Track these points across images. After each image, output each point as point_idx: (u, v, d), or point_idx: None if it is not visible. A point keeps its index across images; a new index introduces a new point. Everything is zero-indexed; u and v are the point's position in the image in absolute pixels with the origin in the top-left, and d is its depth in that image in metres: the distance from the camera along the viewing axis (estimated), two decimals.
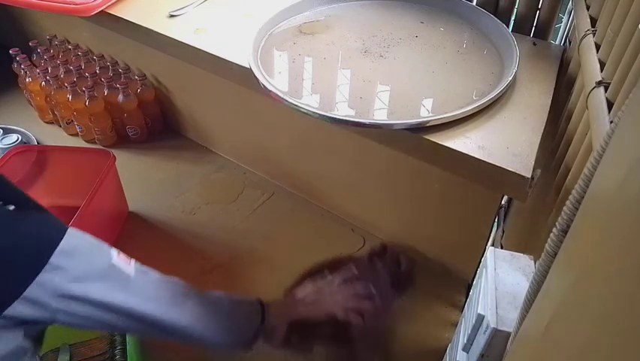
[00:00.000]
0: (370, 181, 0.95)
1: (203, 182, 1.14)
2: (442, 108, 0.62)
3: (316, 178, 1.05)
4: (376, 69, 0.69)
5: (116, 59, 1.19)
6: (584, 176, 0.31)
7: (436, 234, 0.93)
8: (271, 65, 0.72)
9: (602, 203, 0.26)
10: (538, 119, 0.62)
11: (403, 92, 0.66)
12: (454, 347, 0.62)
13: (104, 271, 0.53)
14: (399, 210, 0.96)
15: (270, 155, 1.10)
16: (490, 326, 0.45)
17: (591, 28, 0.60)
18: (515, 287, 0.49)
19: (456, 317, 0.89)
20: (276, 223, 1.04)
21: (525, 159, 0.56)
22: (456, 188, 0.81)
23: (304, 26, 0.79)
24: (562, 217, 0.33)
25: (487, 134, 0.59)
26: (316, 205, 1.08)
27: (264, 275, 0.93)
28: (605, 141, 0.29)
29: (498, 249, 0.54)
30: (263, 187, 1.12)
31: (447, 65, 0.70)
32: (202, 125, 1.20)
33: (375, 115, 0.63)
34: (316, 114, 0.61)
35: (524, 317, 0.37)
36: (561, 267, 0.31)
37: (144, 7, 0.85)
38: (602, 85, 0.51)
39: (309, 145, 1.00)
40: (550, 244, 0.34)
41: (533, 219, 0.71)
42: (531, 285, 0.36)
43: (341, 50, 0.74)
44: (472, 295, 0.57)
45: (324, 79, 0.69)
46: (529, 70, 0.69)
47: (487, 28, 0.76)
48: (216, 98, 1.08)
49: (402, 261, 0.78)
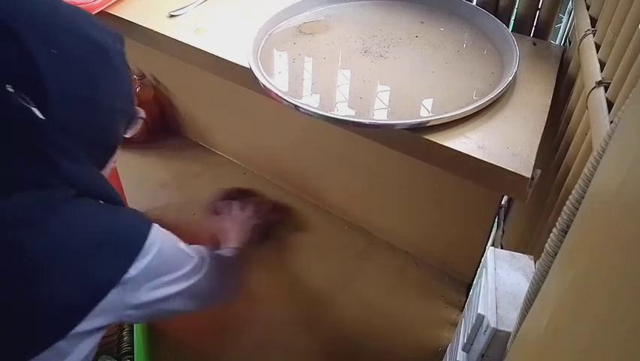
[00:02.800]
0: (370, 181, 0.95)
1: (203, 182, 1.14)
2: (442, 108, 0.62)
3: (316, 178, 1.05)
4: (376, 69, 0.69)
5: None
6: (584, 176, 0.31)
7: (436, 234, 0.93)
8: (271, 65, 0.72)
9: (602, 203, 0.26)
10: (538, 119, 0.62)
11: (402, 92, 0.66)
12: (454, 347, 0.62)
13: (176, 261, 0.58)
14: (398, 209, 0.96)
15: (270, 155, 1.10)
16: (490, 326, 0.45)
17: (591, 28, 0.60)
18: (515, 287, 0.49)
19: (456, 317, 0.89)
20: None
21: (525, 159, 0.56)
22: (456, 188, 0.81)
23: (304, 26, 0.79)
24: (562, 217, 0.33)
25: (487, 134, 0.59)
26: (316, 205, 1.08)
27: (264, 275, 0.94)
28: (605, 141, 0.29)
29: (498, 249, 0.54)
30: (263, 187, 1.12)
31: (447, 65, 0.70)
32: (202, 125, 1.20)
33: (375, 115, 0.63)
34: (316, 114, 0.61)
35: (524, 317, 0.37)
36: (561, 267, 0.31)
37: (144, 7, 0.85)
38: (602, 85, 0.51)
39: (309, 145, 1.00)
40: (550, 244, 0.34)
41: (533, 219, 0.71)
42: (531, 285, 0.36)
43: (341, 50, 0.74)
44: (472, 295, 0.57)
45: (324, 79, 0.69)
46: (529, 70, 0.69)
47: (487, 28, 0.76)
48: (216, 98, 1.08)
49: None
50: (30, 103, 0.45)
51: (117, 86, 0.55)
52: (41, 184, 0.47)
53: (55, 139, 0.47)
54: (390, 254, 0.99)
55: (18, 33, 0.44)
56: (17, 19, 0.45)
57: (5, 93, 0.44)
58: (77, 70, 0.49)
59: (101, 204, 0.52)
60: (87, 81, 0.50)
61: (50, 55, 0.46)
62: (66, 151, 0.49)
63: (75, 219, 0.48)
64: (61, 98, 0.47)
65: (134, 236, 0.51)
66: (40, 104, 0.46)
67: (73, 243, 0.47)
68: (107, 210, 0.52)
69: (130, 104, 0.58)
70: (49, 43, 0.47)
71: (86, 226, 0.48)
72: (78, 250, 0.47)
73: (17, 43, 0.44)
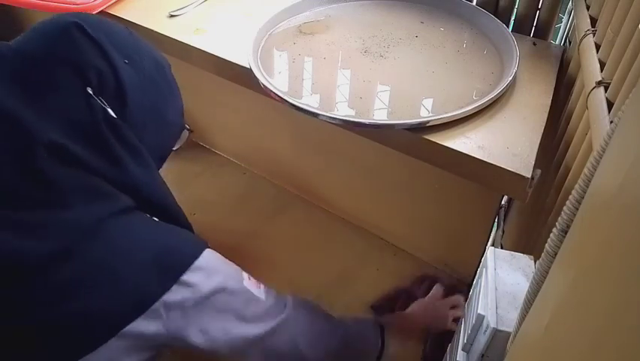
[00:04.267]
0: (370, 181, 0.95)
1: (203, 182, 1.14)
2: (442, 108, 0.62)
3: (316, 178, 1.05)
4: (376, 69, 0.69)
5: None
6: (584, 176, 0.31)
7: (436, 234, 0.93)
8: (271, 65, 0.72)
9: (602, 203, 0.26)
10: (538, 119, 0.62)
11: (403, 92, 0.66)
12: (454, 347, 0.62)
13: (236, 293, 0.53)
14: (399, 209, 0.96)
15: (270, 155, 1.10)
16: (490, 326, 0.45)
17: (591, 28, 0.60)
18: (515, 287, 0.49)
19: None
20: (276, 222, 1.04)
21: (525, 159, 0.56)
22: (456, 188, 0.81)
23: (304, 26, 0.79)
24: (562, 217, 0.33)
25: (487, 134, 0.59)
26: (316, 205, 1.08)
27: (264, 275, 0.93)
28: (605, 141, 0.29)
29: (498, 249, 0.53)
30: (263, 187, 1.12)
31: (447, 65, 0.70)
32: (202, 125, 1.20)
33: (375, 115, 0.63)
34: (316, 114, 0.61)
35: (524, 317, 0.37)
36: (561, 267, 0.31)
37: (144, 7, 0.85)
38: (602, 85, 0.51)
39: (309, 145, 1.00)
40: (550, 244, 0.34)
41: (533, 219, 0.71)
42: (531, 285, 0.36)
43: (341, 50, 0.74)
44: (472, 295, 0.57)
45: (324, 79, 0.69)
46: (529, 70, 0.69)
47: (487, 28, 0.76)
48: (216, 98, 1.08)
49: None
50: (106, 105, 0.50)
51: (175, 99, 0.61)
52: (100, 193, 0.49)
53: (128, 138, 0.52)
54: (390, 254, 0.99)
55: (105, 48, 0.52)
56: (101, 37, 0.52)
57: (86, 95, 0.50)
58: (147, 82, 0.55)
59: (154, 220, 0.53)
60: (155, 93, 0.57)
61: (126, 68, 0.53)
62: (136, 153, 0.52)
63: (132, 233, 0.49)
64: (137, 107, 0.53)
65: (183, 254, 0.50)
66: (118, 109, 0.51)
67: (128, 255, 0.47)
68: (161, 226, 0.53)
69: (182, 118, 0.63)
70: (125, 58, 0.53)
71: (143, 241, 0.49)
72: (132, 262, 0.47)
73: (105, 57, 0.51)
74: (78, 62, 0.50)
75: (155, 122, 0.57)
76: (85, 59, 0.50)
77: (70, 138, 0.48)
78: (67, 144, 0.47)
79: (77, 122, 0.49)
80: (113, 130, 0.51)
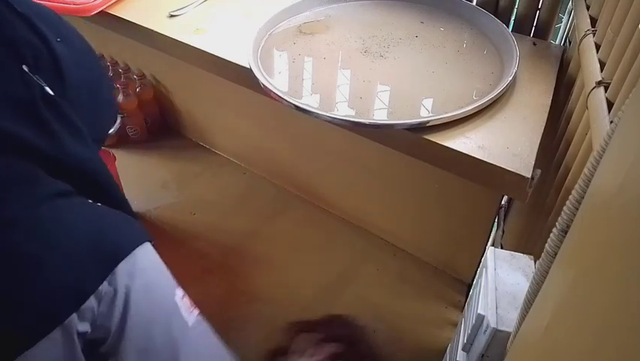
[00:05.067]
0: (370, 181, 0.95)
1: (203, 182, 1.14)
2: (442, 108, 0.62)
3: (316, 178, 1.05)
4: (376, 69, 0.69)
5: (115, 59, 1.19)
6: (584, 176, 0.31)
7: (436, 234, 0.93)
8: (271, 65, 0.72)
9: (602, 203, 0.26)
10: (538, 119, 0.62)
11: (403, 92, 0.66)
12: (454, 347, 0.62)
13: (164, 305, 0.50)
14: (399, 209, 0.96)
15: (269, 155, 1.10)
16: (490, 326, 0.45)
17: (591, 28, 0.60)
18: (515, 287, 0.49)
19: (456, 317, 0.89)
20: (275, 222, 1.04)
21: (525, 159, 0.56)
22: (456, 188, 0.81)
23: (304, 26, 0.79)
24: (562, 217, 0.33)
25: (487, 134, 0.59)
26: (316, 205, 1.08)
27: (264, 275, 0.94)
28: (605, 141, 0.29)
29: (498, 249, 0.54)
30: (263, 187, 1.12)
31: (447, 65, 0.70)
32: (202, 125, 1.20)
33: (375, 115, 0.63)
34: (316, 114, 0.61)
35: (524, 317, 0.37)
36: (561, 267, 0.31)
37: (144, 7, 0.85)
38: (602, 85, 0.51)
39: (309, 145, 1.00)
40: (550, 244, 0.34)
41: (533, 219, 0.71)
42: (531, 285, 0.36)
43: (341, 50, 0.74)
44: (472, 295, 0.57)
45: (324, 79, 0.69)
46: (529, 70, 0.69)
47: (487, 28, 0.76)
48: (216, 98, 1.08)
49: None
50: (42, 82, 0.49)
51: (106, 78, 0.60)
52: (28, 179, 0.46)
53: (67, 115, 0.50)
54: (390, 254, 0.99)
55: (37, 25, 0.50)
56: (30, 14, 0.50)
57: (21, 72, 0.48)
58: (80, 59, 0.54)
59: (92, 204, 0.51)
60: (89, 70, 0.56)
61: (59, 45, 0.51)
62: (76, 131, 0.51)
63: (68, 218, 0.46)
64: (73, 84, 0.52)
65: (122, 243, 0.47)
66: (56, 86, 0.50)
67: (66, 243, 0.45)
68: (100, 210, 0.50)
69: (115, 98, 0.61)
70: (57, 35, 0.52)
71: (79, 226, 0.46)
72: (71, 250, 0.44)
73: (37, 32, 0.50)
74: (11, 38, 0.48)
75: (91, 100, 0.55)
76: (18, 35, 0.49)
77: (7, 118, 0.46)
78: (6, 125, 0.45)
79: (15, 100, 0.47)
80: (50, 108, 0.49)
